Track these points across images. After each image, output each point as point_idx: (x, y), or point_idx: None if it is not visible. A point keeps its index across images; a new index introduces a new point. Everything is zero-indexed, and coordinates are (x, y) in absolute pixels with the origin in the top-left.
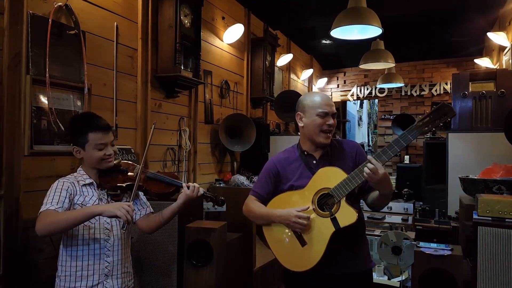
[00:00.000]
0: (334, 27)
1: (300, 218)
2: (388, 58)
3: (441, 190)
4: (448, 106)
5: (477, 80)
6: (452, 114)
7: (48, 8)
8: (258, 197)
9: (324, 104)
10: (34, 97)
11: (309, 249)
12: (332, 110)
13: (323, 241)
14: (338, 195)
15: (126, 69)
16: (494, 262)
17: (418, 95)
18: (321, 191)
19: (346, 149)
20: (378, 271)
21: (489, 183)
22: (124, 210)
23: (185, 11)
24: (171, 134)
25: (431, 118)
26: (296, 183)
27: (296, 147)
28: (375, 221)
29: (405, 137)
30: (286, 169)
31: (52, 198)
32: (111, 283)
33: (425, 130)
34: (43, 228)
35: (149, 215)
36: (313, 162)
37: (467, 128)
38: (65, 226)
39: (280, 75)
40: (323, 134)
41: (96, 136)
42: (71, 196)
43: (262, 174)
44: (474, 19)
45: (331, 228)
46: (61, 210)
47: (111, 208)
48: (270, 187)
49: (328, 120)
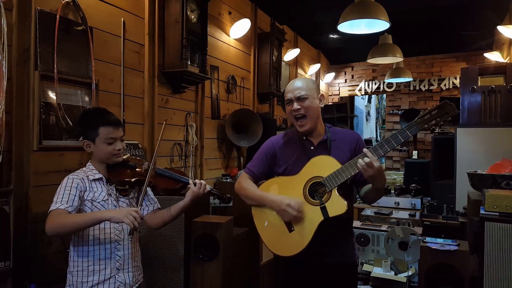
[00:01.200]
0: (341, 21)
1: (291, 207)
2: (396, 52)
3: (449, 185)
4: (450, 105)
5: (486, 74)
6: (453, 113)
7: (55, 4)
8: (252, 175)
9: (287, 91)
10: (42, 92)
11: (296, 235)
12: (295, 94)
13: (311, 229)
14: (330, 185)
15: (133, 65)
16: (501, 258)
17: (427, 89)
18: (313, 179)
19: (346, 138)
20: (384, 266)
21: (497, 178)
22: (132, 217)
23: (191, 6)
24: (178, 129)
25: (432, 116)
26: (292, 167)
27: (297, 131)
28: (382, 216)
29: (404, 133)
30: (284, 151)
31: (62, 197)
32: (123, 277)
33: (425, 128)
34: (51, 229)
35: (156, 211)
36: (311, 148)
37: (476, 122)
38: (73, 229)
39: (287, 70)
40: (296, 122)
41: (107, 131)
42: (81, 193)
43: (259, 153)
44: (484, 12)
45: (320, 216)
46: (71, 209)
47: (118, 215)
48: (265, 167)
49: (293, 105)
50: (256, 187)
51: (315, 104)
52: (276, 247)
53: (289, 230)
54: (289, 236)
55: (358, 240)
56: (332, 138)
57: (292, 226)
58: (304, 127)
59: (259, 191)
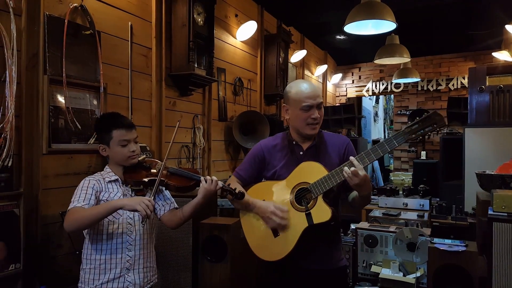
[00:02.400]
0: (348, 22)
1: (275, 214)
2: (403, 53)
3: (458, 186)
4: (439, 115)
5: (494, 74)
6: (442, 124)
7: (64, 9)
8: (240, 179)
9: (307, 97)
10: (51, 96)
11: (280, 241)
12: (317, 101)
13: (295, 235)
14: (316, 192)
15: (141, 68)
16: (509, 258)
17: (435, 90)
18: (300, 184)
19: (335, 144)
20: (393, 267)
21: (506, 178)
22: (144, 205)
23: (198, 9)
24: (185, 131)
25: (419, 126)
26: (280, 171)
27: (286, 135)
28: (391, 217)
29: (390, 142)
30: (273, 155)
31: (79, 196)
32: (132, 276)
33: (412, 138)
34: (70, 224)
35: (173, 211)
36: (300, 153)
37: (484, 122)
38: (90, 221)
39: (294, 71)
40: (309, 126)
41: (120, 133)
42: (97, 193)
43: (248, 157)
44: (492, 11)
45: (304, 223)
46: (87, 206)
47: (131, 202)
48: (253, 171)
49: (313, 113)
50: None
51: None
52: (261, 252)
53: (274, 235)
54: (274, 241)
55: (366, 241)
56: (321, 143)
57: (278, 232)
58: (315, 130)
59: (246, 195)
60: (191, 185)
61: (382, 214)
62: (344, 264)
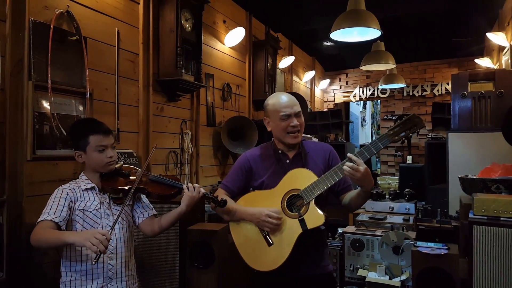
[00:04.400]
0: (334, 30)
1: (270, 217)
2: (388, 59)
3: (443, 190)
4: (417, 118)
5: (476, 80)
6: (421, 125)
7: (49, 14)
8: (228, 190)
9: (284, 106)
10: (36, 102)
11: (275, 249)
12: (294, 110)
13: (290, 242)
14: (307, 197)
15: (128, 74)
16: (489, 261)
17: (420, 95)
18: (290, 192)
19: (319, 151)
20: (379, 271)
21: (487, 182)
22: (96, 240)
23: (186, 15)
24: (173, 137)
25: (401, 128)
26: (268, 181)
27: (271, 145)
28: (377, 221)
29: (376, 145)
30: (259, 165)
31: (50, 208)
32: (116, 286)
33: (395, 139)
34: (32, 241)
35: (152, 218)
36: (287, 161)
37: (467, 128)
38: (45, 246)
39: (282, 77)
40: (290, 135)
41: (97, 138)
42: (71, 204)
43: (234, 168)
44: (474, 19)
45: (298, 229)
46: (58, 219)
47: (80, 239)
48: (241, 182)
49: (291, 121)
50: (233, 202)
51: (303, 120)
52: (255, 262)
53: (268, 244)
54: (268, 250)
55: (353, 245)
56: (306, 151)
57: (271, 240)
58: (297, 139)
59: (236, 205)
60: (173, 193)
61: (368, 218)
62: (331, 269)
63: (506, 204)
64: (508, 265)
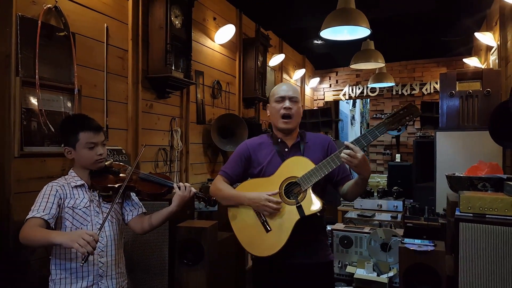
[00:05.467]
0: (324, 28)
1: (270, 201)
2: (378, 58)
3: (430, 188)
4: (414, 107)
5: (464, 79)
6: (417, 114)
7: (37, 10)
8: (227, 177)
9: (280, 89)
10: (24, 98)
11: (273, 235)
12: (288, 94)
13: (288, 228)
14: (305, 184)
15: (117, 70)
16: (475, 257)
17: (409, 94)
18: (288, 179)
19: (318, 141)
20: (367, 267)
21: (474, 180)
22: (83, 242)
23: (175, 12)
24: (162, 134)
25: (398, 116)
26: (267, 168)
27: (271, 135)
28: (365, 219)
29: (373, 133)
30: (258, 153)
31: (39, 205)
32: (106, 283)
33: (392, 128)
34: (22, 239)
35: (142, 216)
36: (285, 150)
37: (454, 126)
38: (34, 245)
39: (272, 75)
40: (282, 120)
41: (87, 135)
42: (60, 201)
43: (234, 155)
44: (462, 20)
45: (296, 215)
46: (47, 217)
47: (67, 240)
48: (240, 169)
49: (284, 103)
50: (232, 188)
51: (300, 109)
52: (253, 248)
53: (266, 230)
54: (266, 236)
55: (342, 242)
56: (306, 141)
57: (269, 226)
58: (289, 124)
59: (234, 190)
60: (163, 192)
61: (357, 215)
62: (331, 258)
63: (492, 202)
64: (493, 261)
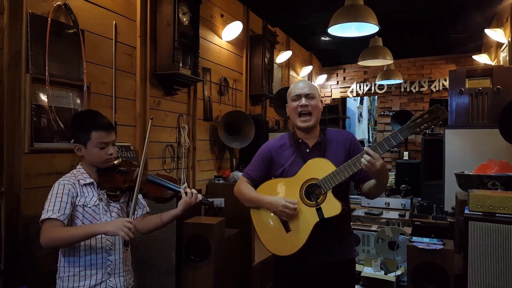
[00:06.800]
0: (332, 25)
1: (287, 207)
2: (386, 55)
3: (439, 186)
4: (441, 109)
5: (473, 76)
6: (444, 117)
7: (47, 7)
8: (250, 179)
9: (296, 88)
10: (34, 95)
11: (293, 235)
12: (304, 91)
13: (307, 229)
14: (325, 187)
15: (125, 67)
16: (484, 256)
17: (417, 91)
18: (309, 181)
19: (340, 139)
20: (374, 265)
21: (483, 178)
22: (126, 229)
23: (183, 9)
24: (170, 131)
25: (423, 120)
26: (288, 169)
27: (292, 135)
28: (373, 217)
29: (396, 137)
30: (280, 155)
31: (53, 204)
32: (114, 281)
33: (416, 131)
34: (47, 242)
35: (146, 216)
36: (306, 150)
37: (464, 124)
38: (69, 242)
39: (279, 72)
40: (299, 118)
41: (99, 135)
42: (73, 199)
43: (256, 157)
44: (472, 16)
45: (315, 217)
46: (63, 217)
47: (114, 228)
48: (262, 171)
49: (300, 101)
50: (254, 190)
51: (320, 105)
52: (274, 247)
53: (286, 231)
54: (286, 236)
55: None
56: (327, 140)
57: (289, 227)
58: (307, 122)
59: (256, 193)
60: (170, 196)
61: (364, 213)
62: (355, 255)
63: (502, 200)
64: (502, 260)
